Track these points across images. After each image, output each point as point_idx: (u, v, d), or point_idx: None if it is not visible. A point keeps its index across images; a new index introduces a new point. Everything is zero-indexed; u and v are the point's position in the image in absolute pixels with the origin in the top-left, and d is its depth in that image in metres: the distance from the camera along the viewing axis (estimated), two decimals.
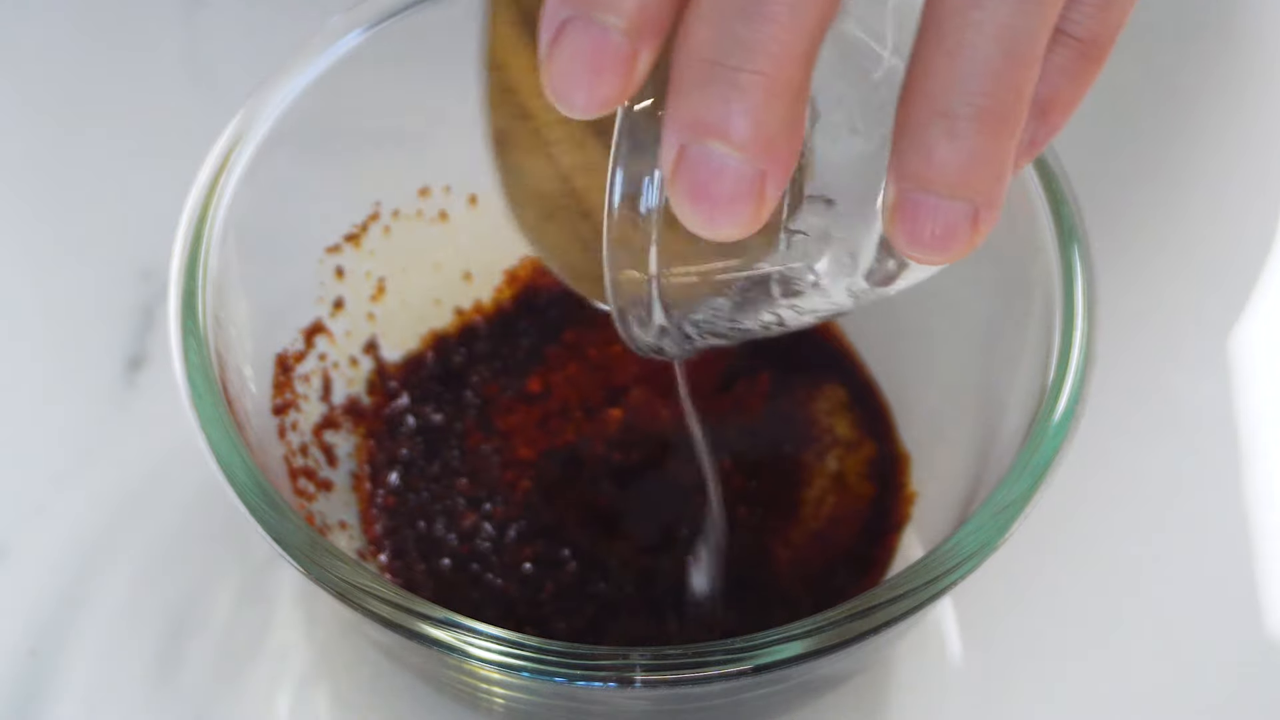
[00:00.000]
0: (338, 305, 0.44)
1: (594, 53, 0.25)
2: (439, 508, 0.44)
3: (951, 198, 0.26)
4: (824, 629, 0.33)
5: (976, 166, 0.26)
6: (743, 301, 0.31)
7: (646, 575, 0.43)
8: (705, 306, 0.31)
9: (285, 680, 0.43)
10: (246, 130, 0.39)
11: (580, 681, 0.33)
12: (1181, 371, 0.48)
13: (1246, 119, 0.53)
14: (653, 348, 0.32)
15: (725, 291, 0.31)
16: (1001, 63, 0.26)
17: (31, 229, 0.51)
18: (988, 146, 0.26)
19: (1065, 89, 0.28)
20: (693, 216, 0.26)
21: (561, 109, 0.26)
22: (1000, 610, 0.44)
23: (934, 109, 0.26)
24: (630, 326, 0.31)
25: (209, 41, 0.54)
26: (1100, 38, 0.28)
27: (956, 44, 0.26)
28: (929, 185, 0.26)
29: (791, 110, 0.26)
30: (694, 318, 0.31)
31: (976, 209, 0.26)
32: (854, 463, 0.45)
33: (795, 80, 0.25)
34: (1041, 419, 0.35)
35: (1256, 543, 0.45)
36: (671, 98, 0.26)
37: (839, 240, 0.30)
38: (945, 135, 0.26)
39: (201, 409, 0.36)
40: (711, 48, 0.25)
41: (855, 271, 0.30)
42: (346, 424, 0.45)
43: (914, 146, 0.26)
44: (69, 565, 0.45)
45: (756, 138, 0.25)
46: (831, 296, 0.31)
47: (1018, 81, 0.26)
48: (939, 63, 0.26)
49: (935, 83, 0.26)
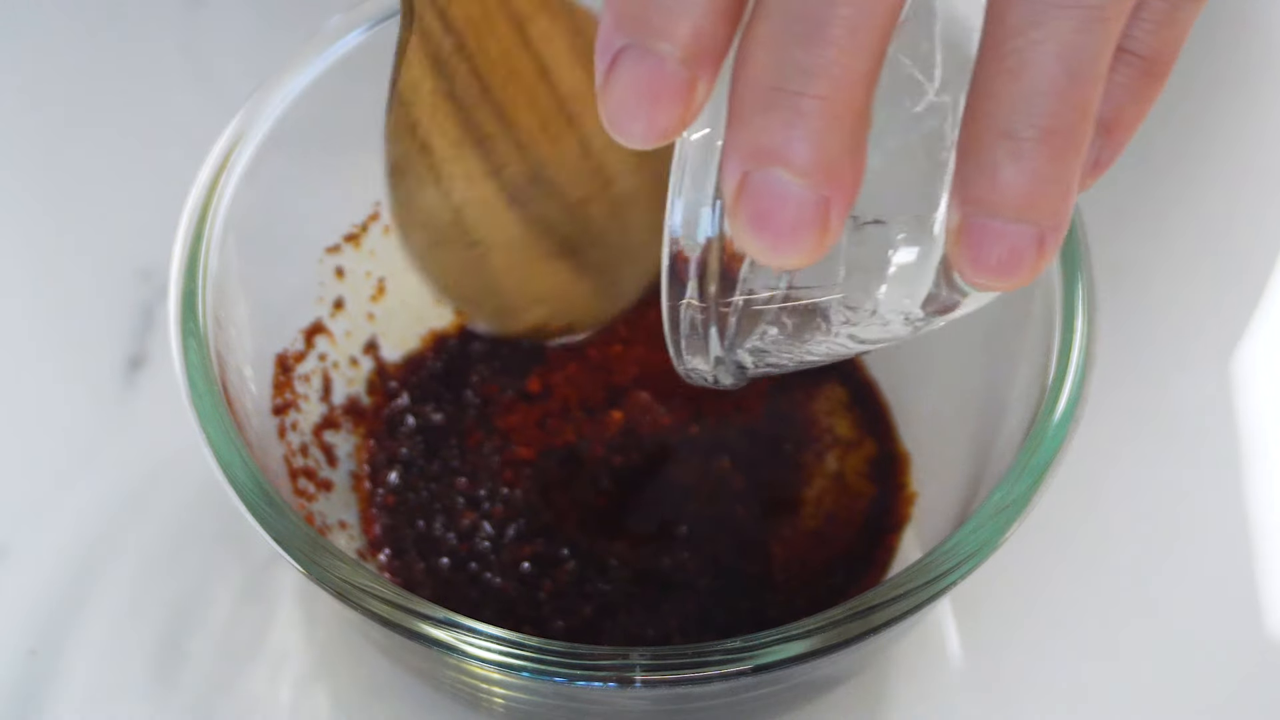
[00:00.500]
0: (338, 305, 0.44)
1: (651, 82, 0.25)
2: (438, 507, 0.44)
3: (1018, 221, 0.26)
4: (824, 629, 0.33)
5: (1042, 188, 0.26)
6: (800, 331, 0.31)
7: (645, 575, 0.43)
8: (762, 336, 0.31)
9: (285, 680, 0.43)
10: (246, 130, 0.39)
11: (580, 681, 0.33)
12: (1182, 372, 0.48)
13: (1248, 120, 0.53)
14: (707, 377, 0.32)
15: (783, 320, 0.30)
16: (1065, 82, 0.25)
17: (31, 229, 0.51)
18: (1053, 168, 0.26)
19: (1129, 107, 0.28)
20: (756, 245, 0.25)
21: (619, 139, 0.26)
22: (1000, 610, 0.44)
23: (997, 130, 0.25)
24: (685, 357, 0.31)
25: (209, 41, 0.54)
26: (1162, 55, 0.28)
27: (1019, 64, 0.25)
28: (994, 209, 0.26)
29: (854, 135, 0.25)
30: (749, 346, 0.31)
31: (1043, 232, 0.26)
32: (854, 462, 0.45)
33: (857, 103, 0.25)
34: (1041, 419, 0.35)
35: (1256, 543, 0.45)
36: (732, 124, 0.25)
37: (898, 266, 0.30)
38: (1010, 157, 0.25)
39: (201, 409, 0.36)
40: (771, 73, 0.25)
41: (914, 300, 0.30)
42: (346, 424, 0.45)
43: (978, 169, 0.26)
44: (69, 565, 0.45)
45: (820, 163, 0.25)
46: (889, 326, 0.30)
47: (1082, 100, 0.26)
48: (1001, 83, 0.25)
49: (998, 104, 0.25)
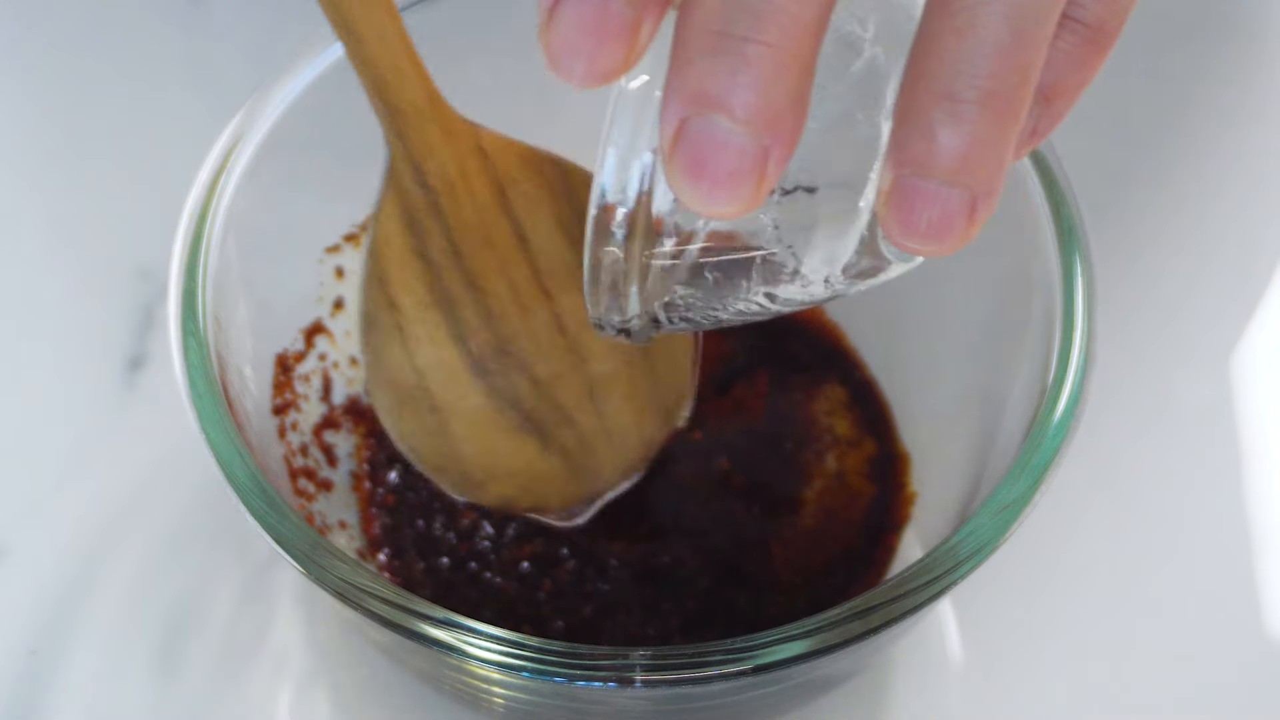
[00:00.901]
0: (338, 305, 0.44)
1: (596, 20, 0.25)
2: (438, 506, 0.44)
3: (950, 184, 0.25)
4: (824, 629, 0.33)
5: (978, 152, 0.25)
6: (718, 288, 0.30)
7: (645, 574, 0.43)
8: (680, 291, 0.31)
9: (285, 680, 0.43)
10: (246, 130, 0.39)
11: (580, 681, 0.33)
12: (1181, 372, 0.48)
13: (1247, 119, 0.53)
14: (619, 327, 0.31)
15: (704, 276, 0.30)
16: (1011, 43, 0.25)
17: (31, 229, 0.51)
18: (991, 132, 0.25)
19: (1070, 76, 0.28)
20: (690, 192, 0.25)
21: (562, 77, 0.25)
22: (1000, 610, 0.44)
23: (938, 91, 0.25)
24: (601, 309, 0.31)
25: (209, 41, 0.54)
26: (1108, 24, 0.28)
27: (967, 22, 0.25)
28: (929, 171, 0.25)
29: (799, 85, 0.25)
30: (666, 301, 0.31)
31: (975, 198, 0.25)
32: (854, 462, 0.45)
33: (804, 54, 0.25)
34: (1041, 419, 0.35)
35: (1256, 543, 0.45)
36: (674, 68, 0.25)
37: (823, 230, 0.29)
38: (949, 118, 0.25)
39: (201, 409, 0.35)
40: (718, 18, 0.24)
41: (835, 264, 0.30)
42: (346, 424, 0.45)
43: (915, 130, 0.25)
44: (69, 565, 0.45)
45: (762, 112, 0.24)
46: (809, 287, 0.30)
47: (1025, 64, 0.25)
48: (946, 41, 0.25)
49: (940, 63, 0.25)
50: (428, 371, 0.35)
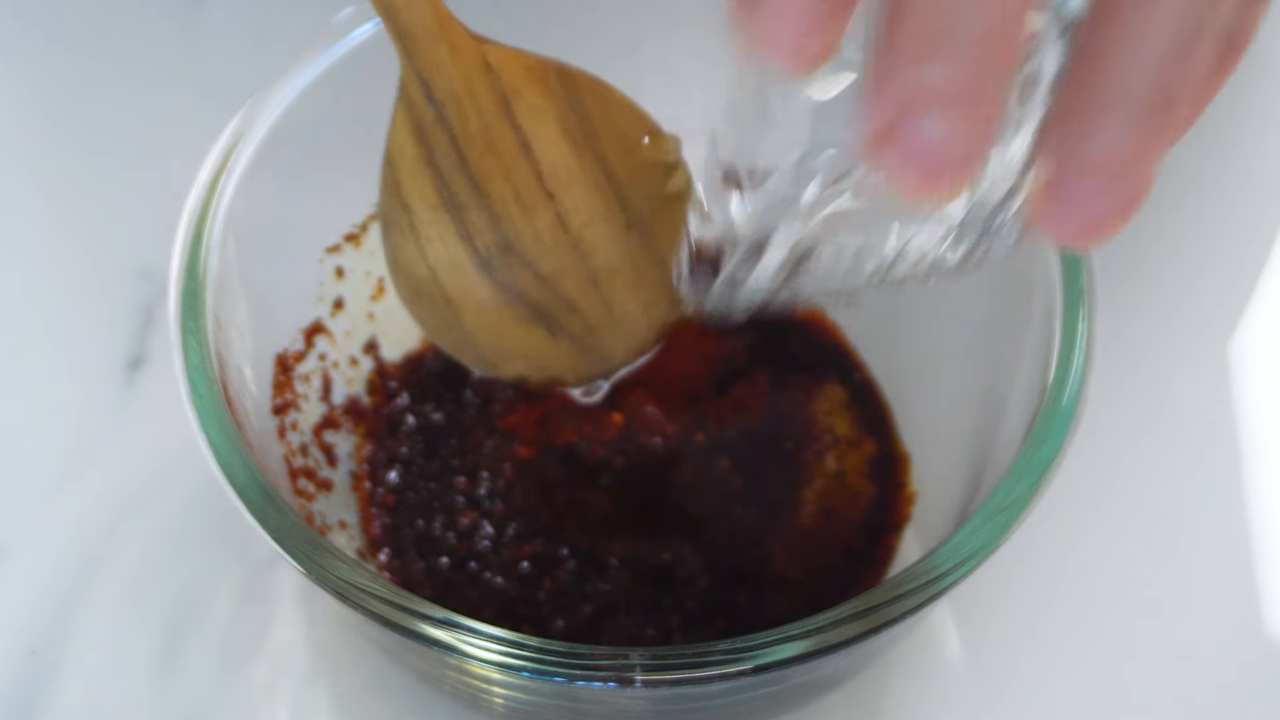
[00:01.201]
0: (338, 305, 0.44)
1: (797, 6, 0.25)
2: (438, 506, 0.44)
3: (1110, 185, 0.26)
4: (824, 629, 0.33)
5: (1143, 156, 0.26)
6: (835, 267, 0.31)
7: (645, 574, 0.43)
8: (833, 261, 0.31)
9: (285, 680, 0.43)
10: (246, 130, 0.39)
11: (580, 681, 0.33)
12: (1181, 371, 0.48)
13: (1247, 118, 0.53)
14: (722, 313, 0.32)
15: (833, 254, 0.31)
16: (1181, 51, 0.26)
17: (32, 228, 0.51)
18: (1156, 137, 0.26)
19: (1206, 84, 0.28)
20: (902, 185, 0.25)
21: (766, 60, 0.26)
22: (1000, 610, 0.44)
23: (1111, 96, 0.26)
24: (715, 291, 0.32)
25: (209, 41, 0.54)
26: (1242, 35, 0.28)
27: (1139, 31, 0.25)
28: (1094, 172, 0.26)
29: (1005, 79, 0.25)
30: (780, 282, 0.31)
31: (1132, 199, 0.26)
32: (853, 462, 0.45)
33: (1011, 48, 0.25)
34: (1041, 419, 0.35)
35: (1256, 543, 0.45)
36: (885, 65, 0.25)
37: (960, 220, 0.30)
38: (1120, 124, 0.26)
39: (201, 409, 0.36)
40: (927, 17, 0.25)
41: (955, 253, 0.30)
42: (346, 424, 0.45)
43: (1086, 131, 0.26)
44: (69, 565, 0.45)
45: (975, 108, 0.25)
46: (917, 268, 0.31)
47: (1191, 73, 0.26)
48: (1117, 49, 0.26)
49: (1111, 69, 0.26)
50: (439, 268, 0.36)
